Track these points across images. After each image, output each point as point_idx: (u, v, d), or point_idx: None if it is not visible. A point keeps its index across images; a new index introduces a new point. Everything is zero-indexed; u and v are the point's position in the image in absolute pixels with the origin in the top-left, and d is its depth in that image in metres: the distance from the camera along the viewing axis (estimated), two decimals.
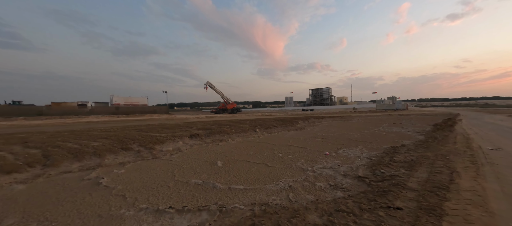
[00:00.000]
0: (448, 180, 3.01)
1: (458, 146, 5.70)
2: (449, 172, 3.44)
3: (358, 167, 4.26)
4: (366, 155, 5.51)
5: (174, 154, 5.73)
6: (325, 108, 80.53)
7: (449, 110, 50.35)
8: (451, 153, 4.79)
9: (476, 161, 4.05)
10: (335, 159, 5.16)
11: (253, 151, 6.15)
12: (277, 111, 61.76)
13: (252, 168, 4.41)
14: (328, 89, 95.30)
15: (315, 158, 5.29)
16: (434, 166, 3.87)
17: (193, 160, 5.11)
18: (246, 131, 10.23)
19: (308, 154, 5.71)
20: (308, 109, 74.14)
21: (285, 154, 5.79)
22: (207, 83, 35.40)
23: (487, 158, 4.28)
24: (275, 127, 12.58)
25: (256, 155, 5.67)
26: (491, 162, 3.95)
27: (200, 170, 4.28)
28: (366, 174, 3.71)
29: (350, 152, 5.97)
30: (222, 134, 8.81)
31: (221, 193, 3.10)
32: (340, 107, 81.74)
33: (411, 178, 3.29)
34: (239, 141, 8.01)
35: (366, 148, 6.53)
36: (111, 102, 31.32)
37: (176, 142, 7.02)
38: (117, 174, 4.03)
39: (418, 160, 4.40)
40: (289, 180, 3.59)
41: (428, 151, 5.29)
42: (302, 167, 4.42)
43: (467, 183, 2.86)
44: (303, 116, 25.39)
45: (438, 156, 4.59)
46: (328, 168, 4.30)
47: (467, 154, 4.65)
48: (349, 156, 5.48)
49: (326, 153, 5.78)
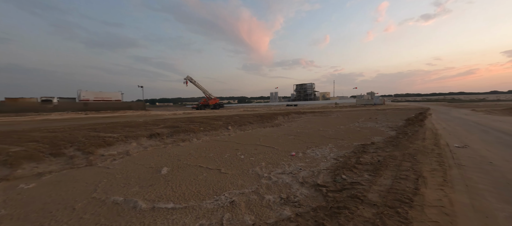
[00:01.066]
0: (412, 189, 2.56)
1: (426, 143, 5.45)
2: (415, 177, 3.02)
3: (320, 172, 3.75)
4: (334, 155, 5.07)
5: (117, 158, 4.86)
6: (308, 103, 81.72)
7: (421, 105, 53.23)
8: (419, 152, 4.47)
9: (444, 162, 3.71)
10: (299, 161, 4.64)
11: (214, 153, 5.46)
12: (261, 107, 61.39)
13: (201, 175, 3.73)
14: (311, 85, 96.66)
15: (279, 160, 4.73)
16: (400, 169, 3.46)
17: (136, 166, 4.31)
18: (217, 128, 9.49)
19: (273, 155, 5.15)
20: (292, 104, 74.75)
21: (248, 155, 5.17)
22: (187, 78, 33.69)
23: (455, 158, 3.98)
24: (251, 123, 11.95)
25: (214, 157, 4.99)
26: (459, 162, 3.62)
27: (135, 181, 3.51)
28: (326, 182, 3.19)
29: (318, 151, 5.50)
30: (187, 133, 8.00)
31: (138, 216, 2.39)
32: (323, 102, 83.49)
33: (373, 186, 2.81)
34: (205, 141, 7.27)
35: (337, 146, 6.13)
36: (79, 98, 28.43)
37: (128, 143, 6.11)
38: (19, 191, 3.14)
39: (385, 161, 4.00)
40: (236, 192, 2.96)
41: (396, 149, 4.96)
42: (259, 172, 3.82)
43: (433, 194, 2.42)
44: (285, 111, 25.10)
45: (406, 156, 4.23)
46: (287, 173, 3.74)
47: (435, 152, 4.35)
48: (315, 156, 5.00)
49: (293, 153, 5.26)
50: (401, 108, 31.51)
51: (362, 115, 19.91)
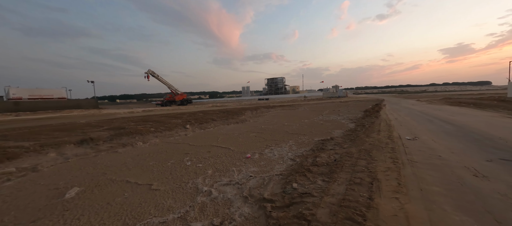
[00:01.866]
0: (366, 200, 2.17)
1: (381, 136, 5.43)
2: (370, 180, 2.68)
3: (271, 179, 3.23)
4: (292, 154, 4.65)
5: (14, 178, 3.62)
6: (279, 97, 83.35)
7: (377, 96, 58.72)
8: (374, 147, 4.30)
9: (397, 158, 3.53)
10: (253, 164, 4.08)
11: (157, 160, 4.56)
12: (232, 101, 60.30)
13: (121, 196, 2.86)
14: (282, 79, 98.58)
15: (230, 165, 4.09)
16: (355, 170, 3.13)
17: (36, 188, 3.20)
18: (173, 128, 8.43)
19: (226, 159, 4.49)
20: (264, 98, 75.27)
21: (196, 161, 4.41)
22: (148, 72, 30.53)
23: (407, 152, 3.86)
24: (214, 120, 11.09)
25: (153, 167, 4.11)
26: (411, 158, 3.47)
27: (15, 214, 2.48)
28: (274, 194, 2.66)
29: (276, 151, 5.03)
30: (133, 136, 6.81)
31: None
32: (293, 96, 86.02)
33: (325, 197, 2.37)
34: (152, 144, 6.23)
35: (297, 143, 5.77)
36: (8, 96, 23.17)
37: (43, 154, 4.77)
38: None
39: (341, 159, 3.68)
40: (155, 222, 2.21)
41: (353, 145, 4.77)
42: (200, 185, 3.12)
43: (388, 205, 2.05)
44: (255, 106, 24.69)
45: (362, 153, 4.00)
46: (233, 184, 3.12)
47: (389, 147, 4.22)
48: (272, 157, 4.50)
49: (248, 155, 4.67)
50: (361, 100, 33.95)
51: (327, 108, 20.62)
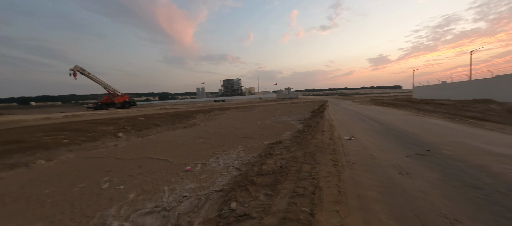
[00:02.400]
0: (308, 216, 1.93)
1: (324, 137, 5.67)
2: (312, 189, 2.52)
3: (209, 198, 2.73)
4: (239, 162, 4.26)
5: None
6: (235, 98, 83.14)
7: (322, 98, 65.73)
8: (318, 149, 4.35)
9: (338, 160, 3.59)
10: (192, 179, 3.48)
11: (59, 185, 3.39)
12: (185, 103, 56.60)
13: None
14: (238, 80, 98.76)
15: (162, 182, 3.37)
16: (299, 177, 2.96)
17: None
18: (99, 138, 6.86)
19: (159, 175, 3.73)
20: (220, 100, 73.67)
21: (117, 182, 3.48)
22: (75, 69, 24.89)
23: (346, 153, 4.02)
24: (157, 126, 9.74)
25: (47, 197, 2.99)
26: (349, 160, 3.57)
27: None
28: (207, 220, 2.17)
29: (222, 159, 4.55)
30: (32, 151, 5.11)
31: None
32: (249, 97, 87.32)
33: (266, 217, 2.03)
34: (62, 161, 4.78)
35: (246, 148, 5.43)
36: None
37: None
38: None
39: (287, 166, 3.50)
40: None
41: (300, 147, 4.75)
42: (108, 220, 2.34)
43: (329, 221, 1.85)
44: (208, 108, 23.51)
45: (307, 156, 3.96)
46: (159, 211, 2.47)
47: (331, 148, 4.34)
48: (216, 168, 4.00)
49: (188, 168, 4.02)
50: (309, 102, 37.02)
51: (280, 109, 21.44)
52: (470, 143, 4.47)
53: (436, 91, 27.34)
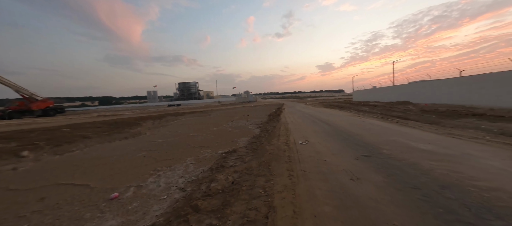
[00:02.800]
0: None
1: (280, 143, 5.53)
2: (265, 212, 2.16)
3: None
4: (184, 180, 3.61)
5: None
6: (192, 102, 78.84)
7: (279, 101, 68.93)
8: (274, 158, 4.10)
9: (293, 169, 3.39)
10: (117, 211, 2.66)
11: None
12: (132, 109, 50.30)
13: None
14: (195, 83, 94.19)
15: (68, 223, 2.45)
16: (252, 195, 2.58)
17: None
18: None
19: (68, 210, 2.74)
20: (175, 104, 68.46)
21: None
22: None
23: (300, 160, 3.89)
24: (87, 138, 7.91)
25: None
26: (304, 169, 3.42)
27: None
28: None
29: (165, 178, 3.79)
30: None
31: None
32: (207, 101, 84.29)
33: None
34: None
35: (197, 160, 4.77)
36: None
37: None
38: None
39: (239, 181, 3.09)
40: None
41: (255, 156, 4.43)
42: None
43: None
44: (160, 114, 21.18)
45: (262, 167, 3.64)
46: None
47: (286, 155, 4.17)
48: (154, 191, 3.25)
49: (115, 194, 3.14)
50: (267, 105, 38.06)
51: (238, 113, 21.10)
52: (402, 141, 5.01)
53: (369, 95, 32.08)
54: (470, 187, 2.49)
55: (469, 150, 4.03)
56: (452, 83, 15.76)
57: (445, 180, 2.72)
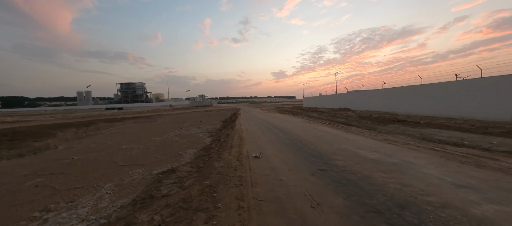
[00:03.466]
0: None
1: (232, 157, 4.80)
2: None
3: None
4: (88, 224, 2.43)
5: None
6: (138, 106, 69.77)
7: (236, 105, 68.42)
8: (222, 179, 3.33)
9: (244, 197, 2.71)
10: None
11: None
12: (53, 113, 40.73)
13: None
14: (142, 84, 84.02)
15: None
16: None
17: None
18: None
19: None
20: (114, 108, 58.92)
21: None
22: None
23: (253, 183, 3.24)
24: None
25: None
26: (257, 197, 2.78)
27: None
28: None
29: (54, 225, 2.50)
30: None
31: None
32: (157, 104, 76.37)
33: None
34: None
35: (117, 187, 3.51)
36: None
37: None
38: None
39: (169, 223, 2.19)
40: None
41: (199, 177, 3.55)
42: None
43: None
44: (89, 120, 17.25)
45: (205, 194, 2.82)
46: None
47: (237, 176, 3.46)
48: None
49: None
50: (223, 109, 36.86)
51: (191, 118, 19.29)
52: (352, 150, 5.06)
53: (317, 101, 35.18)
54: (425, 205, 2.36)
55: (408, 158, 4.26)
56: (380, 93, 18.60)
57: (401, 198, 2.56)
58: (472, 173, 3.31)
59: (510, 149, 4.78)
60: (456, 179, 3.09)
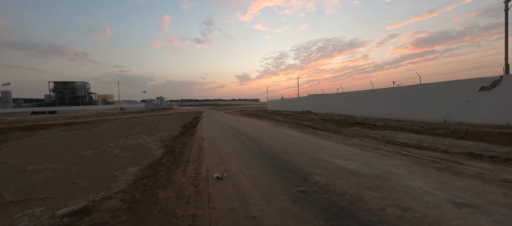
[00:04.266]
0: None
1: (186, 177, 3.61)
2: None
3: None
4: None
5: None
6: (79, 109, 58.81)
7: (198, 108, 64.72)
8: (164, 224, 2.18)
9: None
10: None
11: None
12: None
13: None
14: (84, 84, 71.68)
15: None
16: None
17: None
18: None
19: None
20: (46, 111, 48.10)
21: None
22: None
23: (212, 220, 2.20)
24: None
25: None
26: None
27: None
28: None
29: None
30: None
31: None
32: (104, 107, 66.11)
33: None
34: None
35: None
36: None
37: None
38: None
39: None
40: None
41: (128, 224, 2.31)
42: None
43: None
44: None
45: None
46: None
47: (188, 217, 2.35)
48: None
49: None
50: (183, 113, 33.88)
51: (144, 123, 16.56)
52: (327, 159, 4.51)
53: (281, 104, 35.88)
54: None
55: (386, 167, 3.90)
56: (339, 97, 19.79)
57: None
58: (457, 184, 3.04)
59: (462, 150, 5.02)
60: (448, 194, 2.72)
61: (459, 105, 9.98)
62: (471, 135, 6.41)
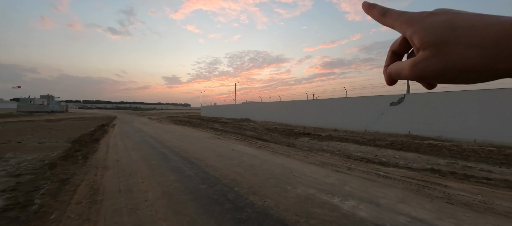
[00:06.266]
0: None
1: None
2: None
3: None
4: None
5: None
6: None
7: (110, 113, 50.81)
8: None
9: None
10: None
11: None
12: None
13: None
14: None
15: None
16: None
17: None
18: None
19: None
20: None
21: None
22: None
23: None
24: None
25: None
26: None
27: None
28: None
29: None
30: None
31: None
32: None
33: None
34: None
35: None
36: None
37: None
38: None
39: None
40: None
41: None
42: None
43: None
44: None
45: None
46: None
47: None
48: None
49: None
50: (84, 118, 24.81)
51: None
52: (322, 200, 3.14)
53: (216, 111, 33.56)
54: None
55: (400, 206, 2.92)
56: (277, 106, 20.06)
57: None
58: (461, 217, 2.33)
59: (423, 165, 5.03)
60: None
61: (376, 116, 11.70)
62: (407, 146, 7.06)
